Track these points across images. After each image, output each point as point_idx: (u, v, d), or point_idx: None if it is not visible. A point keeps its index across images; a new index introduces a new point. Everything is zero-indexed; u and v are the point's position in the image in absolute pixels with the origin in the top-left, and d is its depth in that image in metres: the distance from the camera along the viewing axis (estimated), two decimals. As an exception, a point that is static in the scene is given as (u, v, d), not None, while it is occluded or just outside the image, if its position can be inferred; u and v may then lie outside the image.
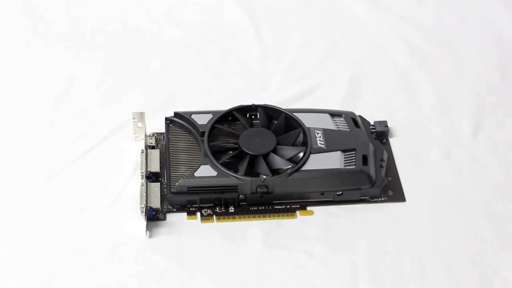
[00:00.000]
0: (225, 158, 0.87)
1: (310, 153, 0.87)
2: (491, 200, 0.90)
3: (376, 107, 0.99)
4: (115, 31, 1.09)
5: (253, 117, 0.92)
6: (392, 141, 0.96)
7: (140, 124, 0.92)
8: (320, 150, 0.88)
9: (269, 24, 1.11)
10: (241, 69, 1.04)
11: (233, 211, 0.87)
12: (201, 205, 0.87)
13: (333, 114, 0.93)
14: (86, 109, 0.98)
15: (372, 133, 0.94)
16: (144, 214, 0.84)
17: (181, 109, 0.92)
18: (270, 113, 0.92)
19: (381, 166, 0.89)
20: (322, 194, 0.87)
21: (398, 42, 1.08)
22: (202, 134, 0.89)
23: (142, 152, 0.89)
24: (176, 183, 0.85)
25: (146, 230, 0.84)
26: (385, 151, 0.92)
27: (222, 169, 0.85)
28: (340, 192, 0.87)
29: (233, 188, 0.85)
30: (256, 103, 0.92)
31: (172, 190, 0.86)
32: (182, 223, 0.86)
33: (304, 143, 0.89)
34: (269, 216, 0.87)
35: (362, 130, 0.92)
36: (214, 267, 0.82)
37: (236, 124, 0.92)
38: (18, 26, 1.09)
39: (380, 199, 0.89)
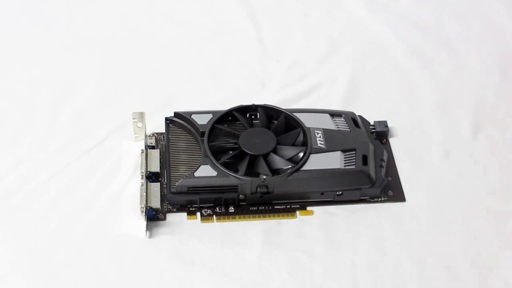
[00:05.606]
0: (225, 158, 0.87)
1: (310, 153, 0.87)
2: (491, 200, 0.90)
3: (376, 107, 0.99)
4: (115, 31, 1.09)
5: (253, 117, 0.92)
6: (392, 141, 0.96)
7: (140, 124, 0.92)
8: (320, 150, 0.88)
9: (269, 24, 1.11)
10: (241, 69, 1.04)
11: (233, 211, 0.87)
12: (201, 205, 0.87)
13: (333, 114, 0.93)
14: (86, 109, 0.98)
15: (372, 133, 0.94)
16: (144, 214, 0.84)
17: (181, 109, 0.92)
18: (270, 113, 0.92)
19: (381, 166, 0.89)
20: (322, 194, 0.87)
21: (398, 42, 1.08)
22: (202, 134, 0.89)
23: (142, 152, 0.89)
24: (176, 183, 0.85)
25: (146, 230, 0.84)
26: (385, 151, 0.92)
27: (222, 169, 0.85)
28: (340, 192, 0.87)
29: (233, 188, 0.85)
30: (256, 103, 0.92)
31: (172, 190, 0.86)
32: (182, 223, 0.86)
33: (304, 143, 0.89)
34: (269, 216, 0.87)
35: (362, 130, 0.92)
36: (214, 267, 0.82)
37: (236, 124, 0.92)
38: (18, 26, 1.09)
39: (380, 199, 0.89)
